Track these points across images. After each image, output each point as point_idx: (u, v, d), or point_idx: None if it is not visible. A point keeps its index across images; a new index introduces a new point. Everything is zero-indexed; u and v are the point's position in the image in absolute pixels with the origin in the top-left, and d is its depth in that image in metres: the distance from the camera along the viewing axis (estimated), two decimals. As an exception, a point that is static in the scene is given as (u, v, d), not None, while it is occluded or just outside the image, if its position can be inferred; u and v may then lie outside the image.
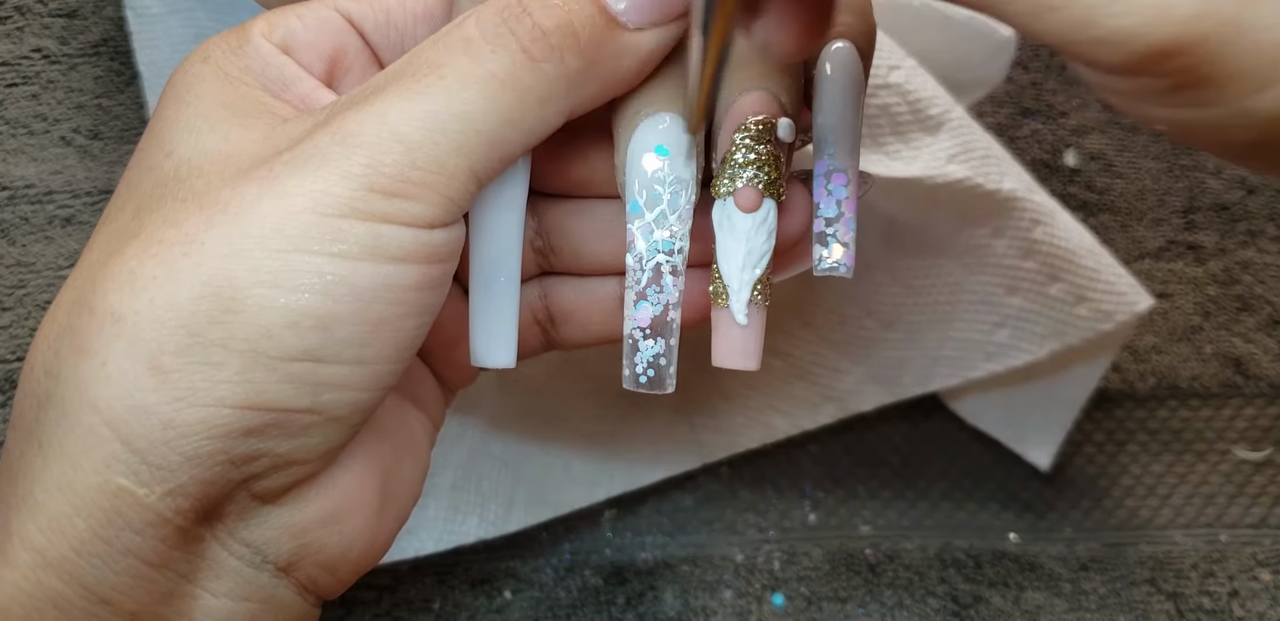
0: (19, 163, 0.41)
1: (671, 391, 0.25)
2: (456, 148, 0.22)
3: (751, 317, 0.25)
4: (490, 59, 0.22)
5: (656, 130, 0.24)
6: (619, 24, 0.23)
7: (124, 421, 0.21)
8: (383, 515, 0.25)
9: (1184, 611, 0.41)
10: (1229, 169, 0.48)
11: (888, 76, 0.37)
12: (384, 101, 0.22)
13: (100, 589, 0.21)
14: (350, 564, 0.25)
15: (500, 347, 0.26)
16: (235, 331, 0.21)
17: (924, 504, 0.43)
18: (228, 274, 0.21)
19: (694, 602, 0.41)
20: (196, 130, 0.23)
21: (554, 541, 0.42)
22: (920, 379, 0.41)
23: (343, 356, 0.22)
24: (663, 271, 0.25)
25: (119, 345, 0.21)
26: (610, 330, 0.28)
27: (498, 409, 0.40)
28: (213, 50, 0.25)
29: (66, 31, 0.43)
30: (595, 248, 0.27)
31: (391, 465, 0.25)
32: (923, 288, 0.40)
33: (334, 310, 0.21)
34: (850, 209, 0.26)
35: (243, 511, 0.22)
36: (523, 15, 0.23)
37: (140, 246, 0.22)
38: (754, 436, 0.42)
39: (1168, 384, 0.45)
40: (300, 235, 0.21)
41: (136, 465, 0.21)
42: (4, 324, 0.40)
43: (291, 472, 0.22)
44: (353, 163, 0.21)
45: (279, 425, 0.21)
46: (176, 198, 0.22)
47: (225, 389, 0.21)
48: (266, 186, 0.21)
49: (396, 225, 0.22)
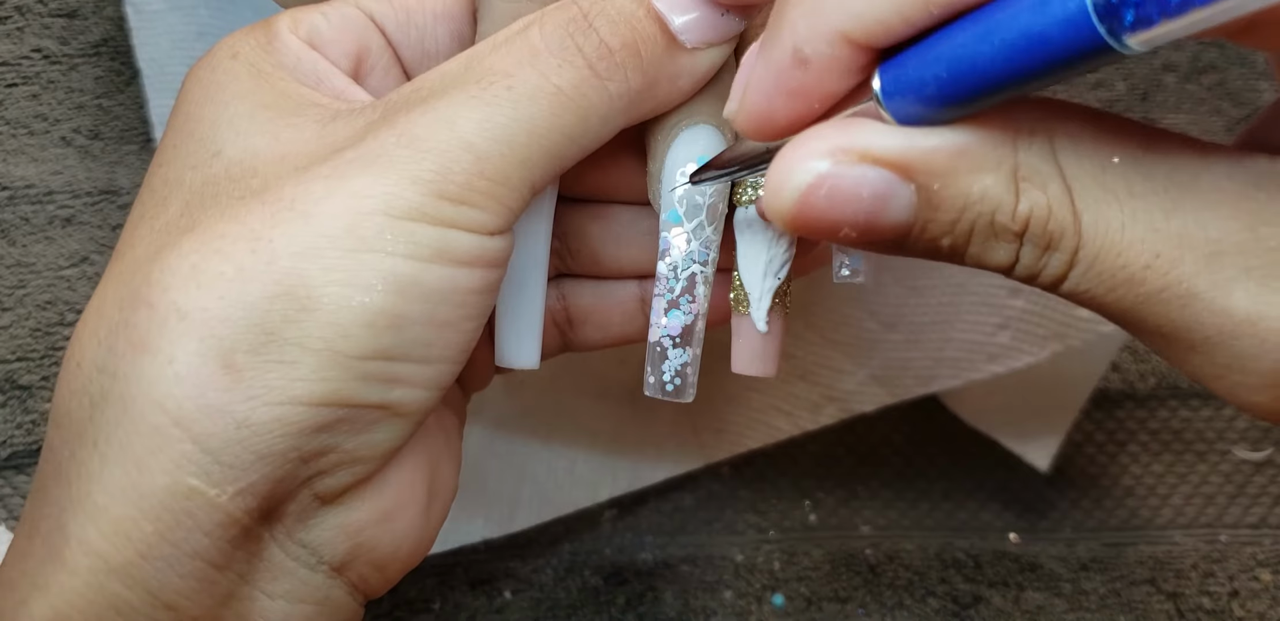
0: (19, 163, 0.41)
1: (691, 400, 0.25)
2: (521, 161, 0.22)
3: (772, 325, 0.25)
4: (557, 73, 0.22)
5: (697, 142, 0.24)
6: (678, 43, 0.23)
7: (195, 420, 0.20)
8: (429, 512, 0.25)
9: (1184, 611, 0.41)
10: (1229, 169, 0.48)
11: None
12: (450, 107, 0.22)
13: (164, 593, 0.21)
14: (400, 561, 0.25)
15: (526, 349, 0.26)
16: (311, 330, 0.21)
17: (924, 504, 0.43)
18: (300, 272, 0.21)
19: (694, 602, 0.41)
20: (243, 132, 0.23)
21: (554, 541, 0.42)
22: (922, 380, 0.41)
23: (412, 355, 0.22)
24: (696, 281, 0.25)
25: (187, 342, 0.21)
26: (628, 332, 0.29)
27: (503, 409, 0.40)
28: (241, 46, 0.25)
29: (66, 31, 0.43)
30: (614, 252, 0.28)
31: (435, 463, 0.26)
32: (925, 289, 0.40)
33: (406, 310, 0.21)
34: None
35: (303, 511, 0.23)
36: (589, 30, 0.23)
37: (199, 241, 0.21)
38: (756, 437, 0.42)
39: (1168, 384, 0.45)
40: (374, 236, 0.21)
41: (209, 465, 0.20)
42: (4, 324, 0.40)
43: (355, 470, 0.22)
44: (423, 168, 0.21)
45: (350, 420, 0.22)
46: (232, 195, 0.22)
47: (301, 387, 0.21)
48: (335, 185, 0.21)
49: (462, 231, 0.22)
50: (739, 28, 0.24)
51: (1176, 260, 0.18)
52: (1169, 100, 0.49)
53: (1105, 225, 0.18)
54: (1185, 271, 0.18)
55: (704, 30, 0.23)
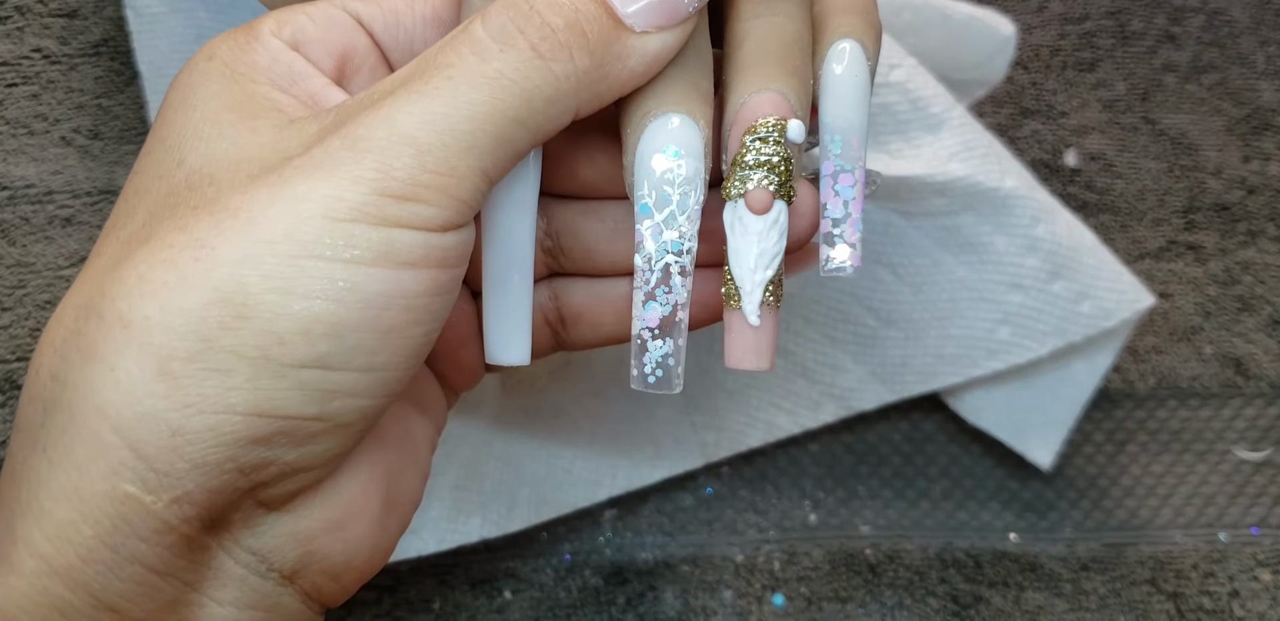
0: (19, 163, 0.41)
1: (679, 392, 0.25)
2: (466, 148, 0.22)
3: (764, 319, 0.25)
4: (499, 58, 0.22)
5: (665, 130, 0.24)
6: (625, 26, 0.23)
7: (132, 427, 0.20)
8: (385, 522, 0.25)
9: (1184, 611, 0.41)
10: (1229, 169, 0.48)
11: (889, 75, 0.37)
12: (393, 104, 0.22)
13: (106, 596, 0.21)
14: (354, 571, 0.24)
15: (515, 345, 0.26)
16: (246, 338, 0.20)
17: (924, 504, 0.43)
18: (239, 279, 0.21)
19: (694, 602, 0.41)
20: (205, 137, 0.23)
21: (554, 541, 0.42)
22: (923, 376, 0.41)
23: (353, 363, 0.21)
24: (671, 272, 0.25)
25: (128, 350, 0.20)
26: (621, 331, 0.28)
27: (500, 409, 0.40)
28: (218, 47, 0.25)
29: (66, 31, 0.43)
30: (606, 248, 0.27)
31: (395, 472, 0.25)
32: (924, 285, 0.40)
33: (346, 317, 0.21)
34: (857, 209, 0.26)
35: (248, 519, 0.22)
36: (531, 14, 0.22)
37: (150, 251, 0.21)
38: (756, 435, 0.42)
39: (1168, 384, 0.45)
40: (313, 240, 0.21)
41: (144, 472, 0.20)
42: (4, 324, 0.40)
43: (298, 480, 0.22)
44: (364, 167, 0.21)
45: (287, 433, 0.21)
46: (188, 205, 0.22)
47: (235, 396, 0.21)
48: (277, 192, 0.21)
49: (408, 229, 0.21)
50: (687, 12, 0.23)
51: None
52: (1169, 100, 0.50)
53: None
54: None
55: (651, 14, 0.23)
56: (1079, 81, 0.49)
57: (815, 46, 0.26)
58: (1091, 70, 0.50)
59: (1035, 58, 0.49)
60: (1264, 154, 0.49)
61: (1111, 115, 0.49)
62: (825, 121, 0.26)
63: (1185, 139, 0.49)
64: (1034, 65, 0.49)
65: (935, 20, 0.40)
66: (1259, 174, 0.48)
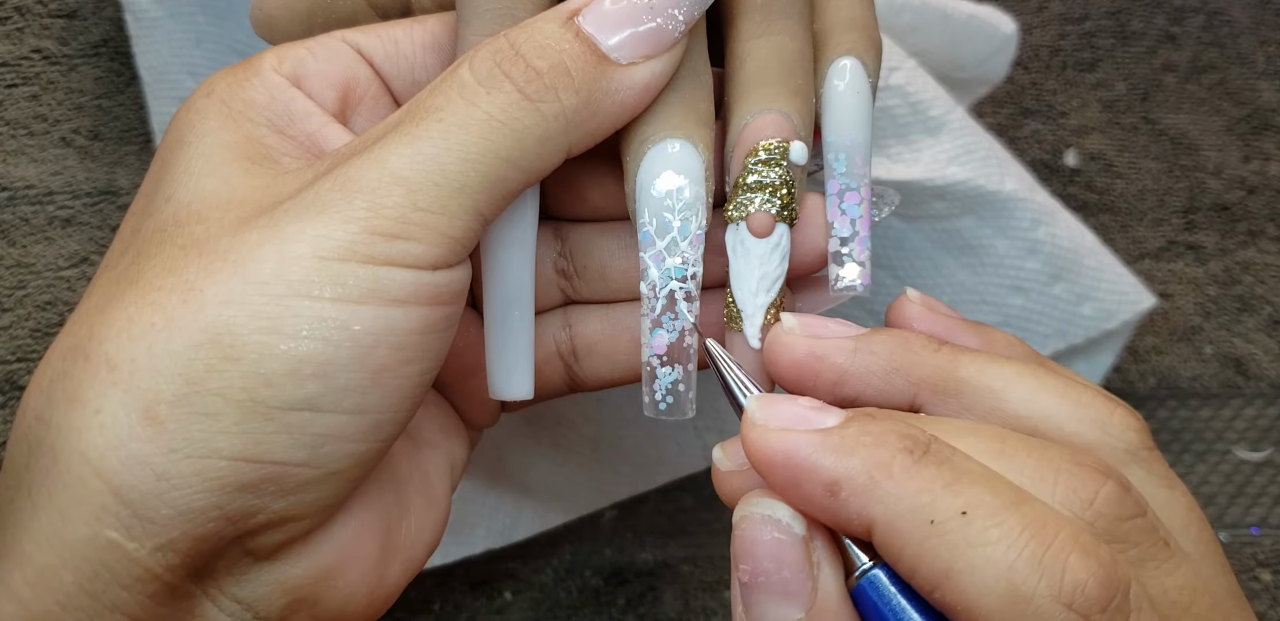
0: (19, 163, 0.41)
1: (691, 416, 0.25)
2: (458, 188, 0.22)
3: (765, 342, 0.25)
4: (486, 101, 0.22)
5: (664, 156, 0.24)
6: (610, 60, 0.23)
7: (115, 472, 0.20)
8: (385, 567, 0.24)
9: (1184, 611, 0.41)
10: (1229, 169, 0.48)
11: (888, 78, 0.37)
12: (384, 147, 0.22)
13: None
14: (350, 617, 0.24)
15: (518, 379, 0.26)
16: (234, 380, 0.20)
17: (924, 504, 0.43)
18: (226, 321, 0.20)
19: (694, 603, 0.41)
20: (196, 172, 0.23)
21: (554, 542, 0.42)
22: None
23: (343, 405, 0.21)
24: (676, 298, 0.24)
25: (114, 393, 0.20)
26: (637, 365, 0.28)
27: (503, 420, 0.40)
28: (217, 84, 0.25)
29: (66, 32, 0.43)
30: (622, 263, 0.27)
31: (396, 516, 0.25)
32: (925, 288, 0.40)
33: (335, 356, 0.21)
34: (865, 227, 0.26)
35: (234, 567, 0.22)
36: (515, 57, 0.22)
37: (139, 293, 0.21)
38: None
39: (1168, 384, 0.45)
40: (300, 280, 0.20)
41: (127, 518, 0.20)
42: (4, 324, 0.40)
43: (287, 529, 0.22)
44: (354, 207, 0.21)
45: (275, 479, 0.21)
46: (176, 244, 0.22)
47: (222, 440, 0.20)
48: (267, 234, 0.21)
49: (398, 267, 0.21)
50: (672, 39, 0.23)
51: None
52: (1169, 100, 0.50)
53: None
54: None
55: (637, 47, 0.23)
56: (1079, 81, 0.49)
57: (816, 64, 0.26)
58: (1091, 70, 0.50)
59: (1035, 58, 0.49)
60: (1264, 154, 0.49)
61: (1111, 115, 0.49)
62: (829, 140, 0.26)
63: (1185, 139, 0.49)
64: (1034, 65, 0.49)
65: (936, 20, 0.40)
66: (1259, 174, 0.48)
